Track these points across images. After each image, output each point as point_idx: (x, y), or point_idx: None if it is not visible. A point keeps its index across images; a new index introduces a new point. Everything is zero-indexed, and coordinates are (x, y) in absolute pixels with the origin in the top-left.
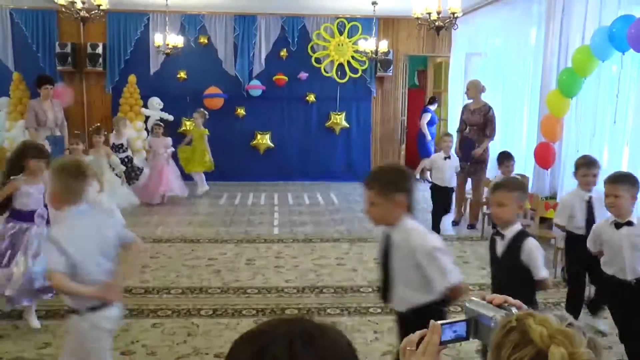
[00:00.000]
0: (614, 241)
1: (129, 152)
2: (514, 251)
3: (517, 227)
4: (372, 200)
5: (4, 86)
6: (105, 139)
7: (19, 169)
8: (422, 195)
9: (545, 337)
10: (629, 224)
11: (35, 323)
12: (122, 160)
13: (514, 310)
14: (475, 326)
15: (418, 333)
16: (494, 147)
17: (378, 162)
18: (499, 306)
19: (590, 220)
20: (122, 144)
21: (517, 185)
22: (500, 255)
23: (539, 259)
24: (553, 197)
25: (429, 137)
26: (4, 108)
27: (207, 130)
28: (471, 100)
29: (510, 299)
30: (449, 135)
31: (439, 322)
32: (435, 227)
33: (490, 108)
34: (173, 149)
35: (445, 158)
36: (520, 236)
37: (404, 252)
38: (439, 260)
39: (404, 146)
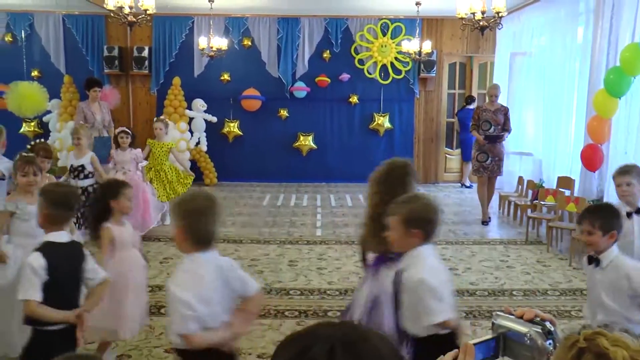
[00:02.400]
0: None
1: (97, 177)
2: None
3: None
4: None
5: (55, 88)
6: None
7: None
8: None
9: None
10: None
11: None
12: (84, 191)
13: (547, 324)
14: (503, 343)
15: (450, 354)
16: (535, 148)
17: (421, 164)
18: (530, 321)
19: None
20: (82, 166)
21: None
22: None
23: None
24: (599, 200)
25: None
26: (55, 110)
27: (173, 143)
28: (486, 102)
29: (540, 312)
30: (626, 172)
31: (471, 341)
32: None
33: (507, 108)
34: (145, 162)
35: (628, 214)
36: None
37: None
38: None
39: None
